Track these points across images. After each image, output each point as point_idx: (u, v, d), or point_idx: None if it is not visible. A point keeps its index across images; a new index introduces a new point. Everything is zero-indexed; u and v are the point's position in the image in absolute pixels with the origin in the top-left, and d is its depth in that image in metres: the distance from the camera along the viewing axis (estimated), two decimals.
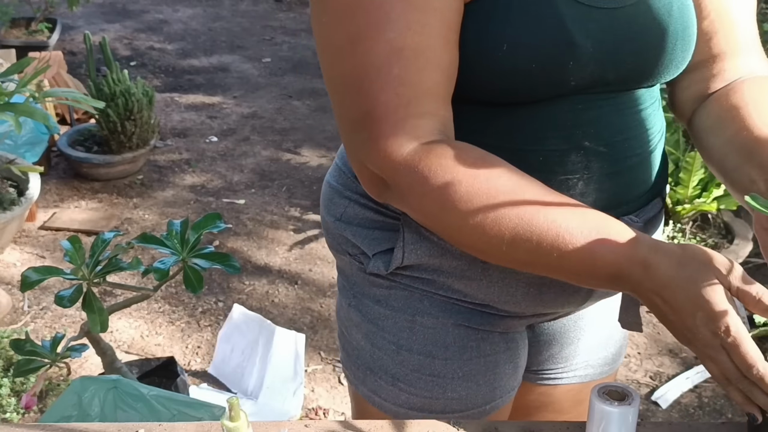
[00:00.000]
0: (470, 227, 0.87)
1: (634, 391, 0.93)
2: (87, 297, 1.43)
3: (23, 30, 5.27)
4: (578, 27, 0.91)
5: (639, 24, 0.97)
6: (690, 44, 1.02)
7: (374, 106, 0.87)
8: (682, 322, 0.85)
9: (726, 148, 1.01)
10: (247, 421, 0.87)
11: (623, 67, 0.97)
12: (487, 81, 0.93)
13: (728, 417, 2.51)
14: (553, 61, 0.91)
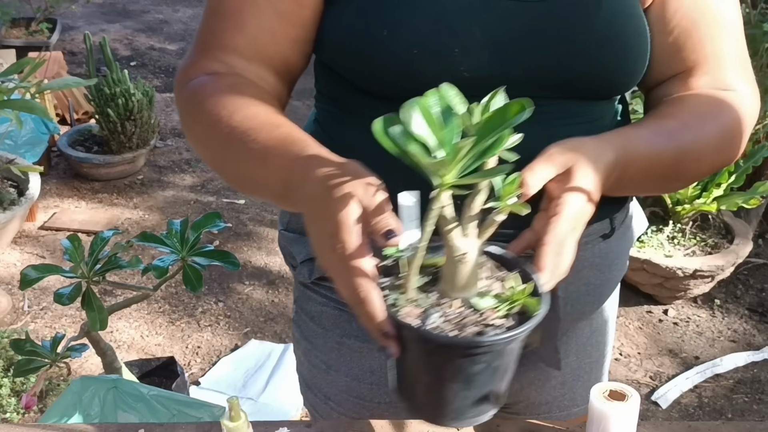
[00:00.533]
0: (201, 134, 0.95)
1: (634, 391, 0.93)
2: (86, 295, 1.43)
3: (23, 30, 5.27)
4: (463, 14, 0.90)
5: (550, 22, 0.93)
6: (630, 56, 0.97)
7: (193, 44, 1.01)
8: (315, 239, 0.80)
9: None
10: (247, 421, 0.87)
11: (533, 67, 0.93)
12: (376, 68, 0.94)
13: (728, 417, 2.51)
14: (435, 47, 0.90)
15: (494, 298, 0.79)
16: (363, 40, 0.93)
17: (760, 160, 2.84)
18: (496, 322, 0.76)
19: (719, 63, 1.02)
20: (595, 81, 0.97)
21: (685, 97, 1.02)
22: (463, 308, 0.77)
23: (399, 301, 0.77)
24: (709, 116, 1.00)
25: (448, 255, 0.77)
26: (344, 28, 0.95)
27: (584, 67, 0.95)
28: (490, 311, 0.77)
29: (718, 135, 1.00)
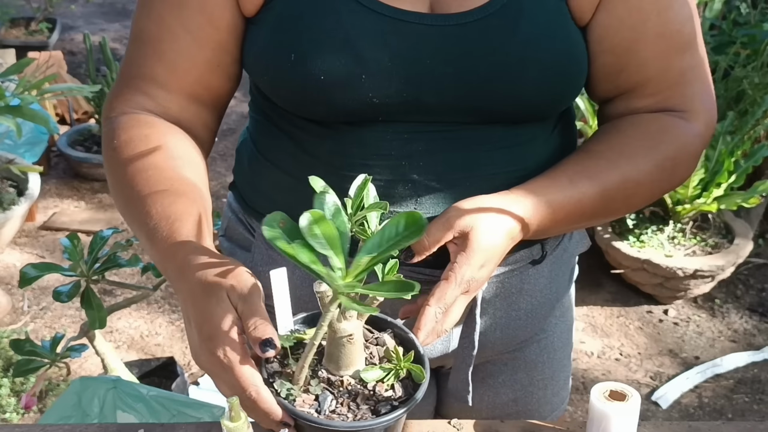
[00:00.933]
0: (111, 185, 0.95)
1: (634, 391, 0.93)
2: (85, 294, 1.43)
3: (23, 30, 5.26)
4: (370, 39, 0.89)
5: (462, 46, 0.90)
6: (552, 80, 0.93)
7: (118, 75, 1.00)
8: (191, 337, 0.80)
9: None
10: (247, 421, 0.87)
11: (445, 92, 0.91)
12: (287, 93, 0.95)
13: (728, 417, 2.51)
14: (341, 73, 0.89)
15: (380, 369, 0.82)
16: (273, 65, 0.93)
17: (760, 160, 2.84)
18: (386, 393, 0.81)
19: (666, 83, 0.98)
20: (512, 106, 0.94)
21: (619, 129, 1.00)
22: (353, 383, 0.81)
23: (293, 391, 0.79)
24: (643, 150, 0.97)
25: (332, 337, 0.79)
26: (257, 51, 0.95)
27: (500, 93, 0.92)
28: (379, 383, 0.81)
29: (652, 167, 0.97)
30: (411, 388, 0.82)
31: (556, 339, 1.18)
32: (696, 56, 0.99)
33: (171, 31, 0.94)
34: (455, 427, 1.01)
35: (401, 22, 0.89)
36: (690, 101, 1.00)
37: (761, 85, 2.90)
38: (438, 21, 0.90)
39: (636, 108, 1.00)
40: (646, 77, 0.98)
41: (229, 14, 0.94)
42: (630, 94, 1.00)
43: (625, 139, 0.98)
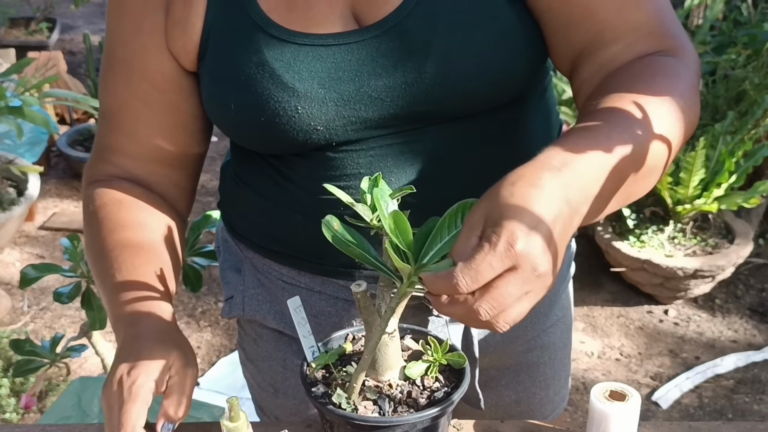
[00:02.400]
0: (84, 245, 1.01)
1: (634, 391, 0.93)
2: (86, 294, 1.43)
3: (23, 30, 5.26)
4: (296, 70, 0.89)
5: (385, 57, 0.88)
6: (490, 65, 0.88)
7: (94, 142, 1.05)
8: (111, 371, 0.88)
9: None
10: (247, 421, 0.87)
11: (385, 105, 0.89)
12: (241, 136, 0.97)
13: (729, 417, 2.51)
14: (278, 112, 0.89)
15: (422, 362, 0.87)
16: (218, 116, 0.96)
17: (760, 160, 2.84)
18: (435, 385, 0.85)
19: (626, 25, 0.89)
20: (456, 101, 0.90)
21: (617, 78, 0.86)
22: (400, 384, 0.85)
23: (351, 402, 0.83)
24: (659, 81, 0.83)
25: (374, 341, 0.82)
26: (205, 104, 0.97)
27: (437, 91, 0.89)
28: (425, 378, 0.86)
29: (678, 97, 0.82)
30: (453, 377, 0.87)
31: (557, 339, 1.18)
32: (662, 1, 0.90)
33: (125, 102, 0.97)
34: (455, 427, 1.01)
35: (320, 48, 0.89)
36: (664, 38, 0.89)
37: (762, 85, 2.90)
38: (355, 37, 0.89)
39: (604, 61, 0.89)
40: (598, 22, 0.89)
41: (170, 75, 0.95)
42: (590, 49, 0.90)
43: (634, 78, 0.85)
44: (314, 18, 0.90)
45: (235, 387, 2.56)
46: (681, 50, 0.88)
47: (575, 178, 0.71)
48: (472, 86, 0.89)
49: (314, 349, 0.90)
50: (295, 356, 1.09)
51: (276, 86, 0.89)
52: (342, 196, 0.81)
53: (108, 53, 0.98)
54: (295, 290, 1.04)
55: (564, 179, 0.70)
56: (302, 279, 1.03)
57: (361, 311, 0.82)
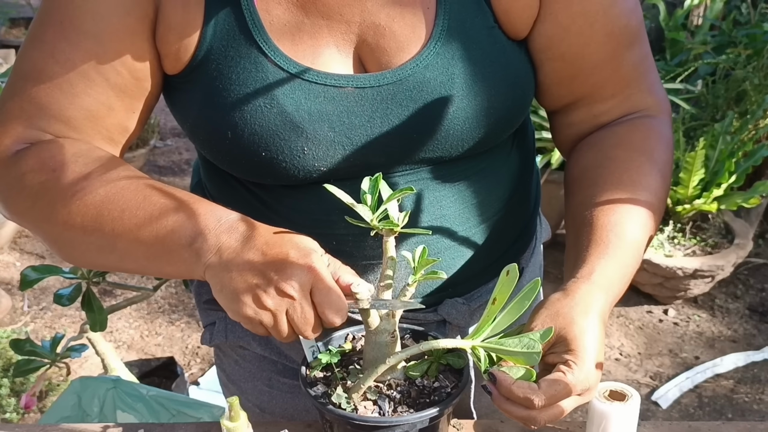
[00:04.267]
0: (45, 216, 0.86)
1: (634, 391, 0.93)
2: (86, 296, 1.43)
3: (23, 30, 5.26)
4: (306, 110, 0.85)
5: (393, 105, 0.87)
6: (489, 113, 0.90)
7: (2, 105, 0.90)
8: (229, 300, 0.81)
9: (570, 217, 0.96)
10: (247, 421, 0.87)
11: (389, 150, 0.89)
12: (232, 166, 0.92)
13: (728, 417, 2.51)
14: (282, 150, 0.86)
15: (422, 363, 0.88)
16: (209, 140, 0.90)
17: (760, 160, 2.84)
18: (435, 385, 0.86)
19: (623, 81, 0.96)
20: (462, 147, 0.92)
21: (609, 155, 0.95)
22: (401, 383, 0.86)
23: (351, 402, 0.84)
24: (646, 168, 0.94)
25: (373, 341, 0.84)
26: (191, 122, 0.91)
27: (446, 140, 0.90)
28: (425, 377, 0.87)
29: (660, 180, 0.95)
30: (452, 377, 0.88)
31: None
32: (644, 46, 0.97)
33: (86, 77, 0.88)
34: (455, 427, 1.01)
35: (332, 88, 0.86)
36: (649, 94, 0.98)
37: (762, 85, 2.90)
38: (370, 82, 0.87)
39: (599, 112, 0.97)
40: (602, 78, 0.95)
41: (149, 66, 0.89)
42: (588, 99, 0.97)
43: (625, 164, 0.94)
44: (321, 55, 0.87)
45: None
46: (658, 107, 0.99)
47: (610, 306, 0.87)
48: (481, 133, 0.91)
49: (314, 349, 0.90)
50: (281, 375, 1.08)
51: (284, 125, 0.85)
52: (342, 196, 0.81)
53: (62, 18, 0.87)
54: None
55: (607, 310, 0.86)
56: None
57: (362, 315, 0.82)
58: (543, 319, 0.83)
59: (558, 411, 0.81)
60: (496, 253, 1.02)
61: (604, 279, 0.86)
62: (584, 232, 0.90)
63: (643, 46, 0.97)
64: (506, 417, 1.19)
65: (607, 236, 0.89)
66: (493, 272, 0.97)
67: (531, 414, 0.80)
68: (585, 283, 0.85)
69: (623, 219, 0.90)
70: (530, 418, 0.80)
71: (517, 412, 0.80)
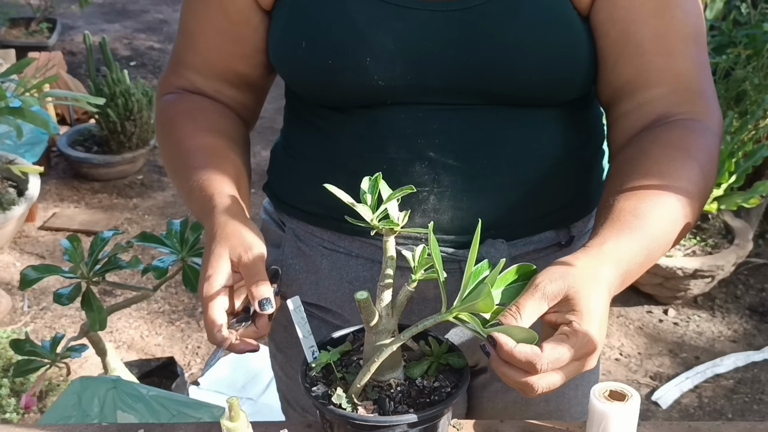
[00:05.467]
0: (160, 153, 1.11)
1: (634, 391, 0.93)
2: (86, 296, 1.43)
3: (23, 30, 5.26)
4: (375, 24, 0.93)
5: (463, 31, 0.92)
6: (553, 65, 0.94)
7: (170, 56, 1.12)
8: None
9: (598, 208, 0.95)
10: (247, 421, 0.87)
11: (448, 75, 0.93)
12: (301, 80, 1.01)
13: (728, 417, 2.51)
14: (347, 58, 0.93)
15: (422, 363, 0.88)
16: (287, 54, 0.99)
17: (760, 160, 2.84)
18: (435, 385, 0.86)
19: (670, 71, 0.96)
20: (513, 89, 0.95)
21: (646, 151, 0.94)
22: (401, 383, 0.86)
23: (355, 402, 0.84)
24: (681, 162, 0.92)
25: (374, 341, 0.83)
26: (274, 43, 1.01)
27: (499, 76, 0.94)
28: (425, 378, 0.87)
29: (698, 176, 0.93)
30: (453, 377, 0.87)
31: None
32: (702, 54, 0.97)
33: (200, 25, 1.05)
34: (455, 427, 1.01)
35: (405, 9, 0.92)
36: (700, 98, 0.97)
37: (762, 85, 2.90)
38: (440, 7, 0.92)
39: (644, 100, 0.96)
40: (647, 61, 0.95)
41: (244, 9, 1.01)
42: (634, 84, 0.97)
43: (658, 157, 0.93)
44: None
45: (235, 387, 2.56)
46: (707, 114, 0.96)
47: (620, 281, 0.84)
48: (531, 79, 0.94)
49: (314, 349, 0.90)
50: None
51: (351, 34, 0.93)
52: (342, 196, 0.81)
53: None
54: (334, 255, 1.07)
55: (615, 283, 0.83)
56: (342, 243, 1.06)
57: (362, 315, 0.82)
58: (551, 275, 0.80)
59: (557, 378, 0.78)
60: (543, 211, 1.03)
61: (615, 253, 0.84)
62: (603, 214, 0.90)
63: (701, 54, 0.97)
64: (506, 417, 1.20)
65: (625, 217, 0.87)
66: (537, 227, 1.02)
67: (530, 380, 0.77)
68: (595, 252, 0.84)
69: (645, 204, 0.88)
70: (528, 385, 0.77)
71: (516, 377, 0.77)
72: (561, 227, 1.06)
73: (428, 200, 0.98)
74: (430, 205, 0.99)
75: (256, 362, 2.67)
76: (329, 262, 1.07)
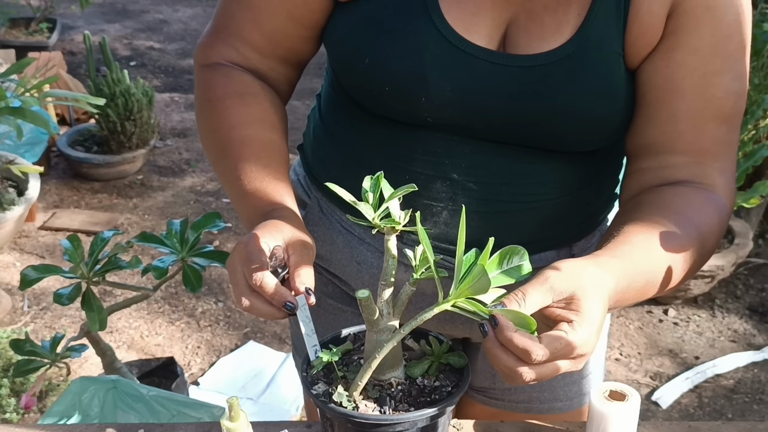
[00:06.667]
0: (204, 134, 1.08)
1: (634, 391, 0.93)
2: (86, 296, 1.43)
3: (23, 30, 5.26)
4: (439, 68, 0.94)
5: (518, 88, 0.94)
6: (593, 128, 0.97)
7: (214, 20, 1.09)
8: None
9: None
10: (247, 421, 0.87)
11: (494, 124, 0.96)
12: (356, 88, 1.02)
13: (728, 417, 2.51)
14: (405, 92, 0.95)
15: (423, 363, 0.88)
16: (347, 59, 1.00)
17: (760, 160, 2.84)
18: (436, 384, 0.87)
19: (697, 144, 0.98)
20: (554, 144, 0.99)
21: (655, 201, 0.97)
22: (402, 382, 0.87)
23: (352, 401, 0.84)
24: (689, 218, 0.95)
25: (375, 340, 0.83)
26: (336, 39, 1.01)
27: (545, 132, 0.97)
28: (426, 377, 0.87)
29: (697, 236, 0.95)
30: (453, 376, 0.88)
31: None
32: (733, 134, 0.99)
33: (270, 5, 1.02)
34: (455, 427, 1.01)
35: (471, 57, 0.94)
36: (720, 175, 0.98)
37: (762, 85, 2.90)
38: (504, 60, 0.94)
39: (666, 164, 0.98)
40: (678, 131, 0.97)
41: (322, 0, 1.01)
42: (660, 148, 0.99)
43: (670, 208, 0.95)
44: (475, 24, 0.94)
45: (235, 387, 2.56)
46: (725, 192, 0.98)
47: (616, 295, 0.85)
48: (574, 138, 0.98)
49: (317, 348, 0.90)
50: (328, 296, 1.17)
51: (414, 71, 0.94)
52: (344, 195, 0.81)
53: None
54: (349, 236, 1.11)
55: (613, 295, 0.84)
56: (357, 228, 1.10)
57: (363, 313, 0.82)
58: (562, 273, 0.81)
59: (548, 371, 0.78)
60: (549, 233, 1.06)
61: (620, 269, 0.86)
62: (611, 235, 0.92)
63: (732, 133, 0.98)
64: (506, 416, 1.20)
65: (633, 242, 0.90)
66: (540, 247, 1.05)
67: (521, 369, 0.77)
68: (604, 261, 0.85)
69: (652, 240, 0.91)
70: (517, 373, 0.77)
71: (507, 362, 0.77)
72: (563, 246, 1.09)
73: (441, 214, 1.02)
74: (442, 218, 1.02)
75: (256, 362, 2.67)
76: (344, 240, 1.11)
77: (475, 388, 1.24)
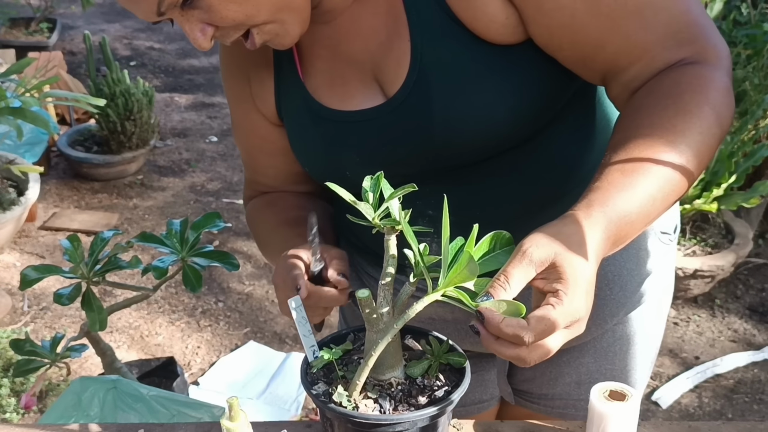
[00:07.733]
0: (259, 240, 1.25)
1: (634, 391, 0.93)
2: (86, 296, 1.43)
3: (23, 30, 5.27)
4: (338, 146, 1.04)
5: (401, 129, 0.99)
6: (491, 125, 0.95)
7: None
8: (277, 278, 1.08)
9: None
10: (247, 421, 0.87)
11: (415, 164, 1.01)
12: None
13: (728, 417, 2.51)
14: (333, 174, 1.01)
15: (423, 362, 0.88)
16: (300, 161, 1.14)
17: (760, 160, 2.84)
18: (435, 384, 0.87)
19: (637, 50, 0.92)
20: (471, 156, 1.00)
21: (636, 106, 0.92)
22: (402, 382, 0.87)
23: (352, 401, 0.84)
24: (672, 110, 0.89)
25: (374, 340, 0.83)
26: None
27: (452, 153, 0.99)
28: (426, 377, 0.87)
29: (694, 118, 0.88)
30: (453, 376, 0.88)
31: (631, 335, 1.17)
32: (659, 8, 0.91)
33: (248, 151, 1.21)
34: (455, 427, 1.01)
35: (352, 124, 1.02)
36: (679, 48, 0.92)
37: (762, 85, 2.90)
38: (382, 111, 1.00)
39: (627, 80, 0.94)
40: (611, 53, 0.92)
41: (270, 130, 1.14)
42: (612, 72, 0.95)
43: (648, 110, 0.90)
44: (350, 93, 1.03)
45: (235, 387, 2.56)
46: (705, 51, 0.92)
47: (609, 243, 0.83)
48: (480, 141, 0.97)
49: (315, 348, 0.90)
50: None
51: (327, 157, 1.07)
52: (344, 194, 0.81)
53: (231, 114, 1.22)
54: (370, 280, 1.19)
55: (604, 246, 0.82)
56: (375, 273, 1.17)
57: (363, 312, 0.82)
58: (538, 241, 0.79)
59: (546, 349, 0.78)
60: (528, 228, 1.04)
61: (602, 217, 0.82)
62: (595, 174, 0.88)
63: (658, 8, 0.91)
64: (506, 416, 1.21)
65: (612, 175, 0.86)
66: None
67: (520, 353, 0.78)
68: (581, 216, 0.82)
69: (636, 158, 0.86)
70: (520, 357, 0.78)
71: (507, 351, 0.78)
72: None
73: (431, 245, 1.03)
74: (432, 249, 1.01)
75: (257, 362, 2.67)
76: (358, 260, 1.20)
77: (517, 391, 1.25)
